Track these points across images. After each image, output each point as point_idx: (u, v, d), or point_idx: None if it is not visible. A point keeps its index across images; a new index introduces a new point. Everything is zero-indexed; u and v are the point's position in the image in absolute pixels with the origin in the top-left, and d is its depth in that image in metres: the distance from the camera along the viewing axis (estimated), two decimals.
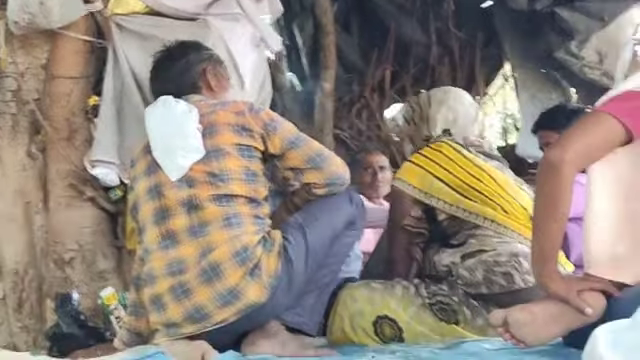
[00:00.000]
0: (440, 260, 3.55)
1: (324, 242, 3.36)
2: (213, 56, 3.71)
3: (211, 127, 3.31)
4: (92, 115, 4.18)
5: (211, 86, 3.59)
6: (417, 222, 3.68)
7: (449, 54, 7.82)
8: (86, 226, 4.23)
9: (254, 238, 3.20)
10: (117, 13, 4.14)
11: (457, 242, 3.56)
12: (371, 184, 5.57)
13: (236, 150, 3.29)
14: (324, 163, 3.40)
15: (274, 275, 3.16)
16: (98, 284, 4.16)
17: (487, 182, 3.61)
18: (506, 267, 3.40)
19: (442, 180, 3.60)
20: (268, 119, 3.39)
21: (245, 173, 3.29)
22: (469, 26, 7.63)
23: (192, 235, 3.22)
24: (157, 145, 3.36)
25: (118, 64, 4.10)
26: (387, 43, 7.70)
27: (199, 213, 3.23)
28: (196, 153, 3.27)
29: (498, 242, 3.48)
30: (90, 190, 4.18)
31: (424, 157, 3.69)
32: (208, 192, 3.24)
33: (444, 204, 3.58)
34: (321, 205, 3.46)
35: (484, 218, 3.52)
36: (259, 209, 3.32)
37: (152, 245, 3.31)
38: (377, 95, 7.91)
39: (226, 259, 3.14)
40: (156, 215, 3.31)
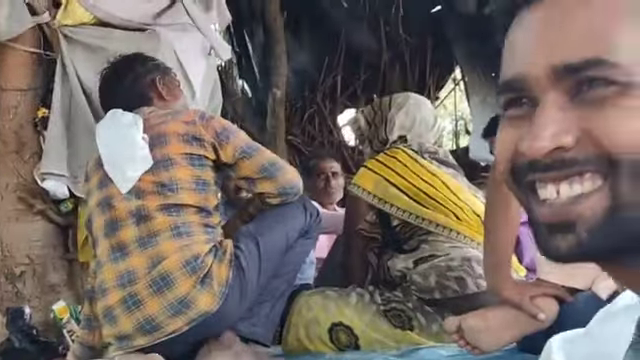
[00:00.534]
0: (394, 265, 3.56)
1: (278, 251, 3.36)
2: (160, 66, 3.68)
3: (160, 137, 3.29)
4: (41, 128, 4.15)
5: (162, 95, 3.56)
6: (371, 227, 3.69)
7: (400, 59, 7.86)
8: (37, 239, 4.19)
9: (205, 247, 3.18)
10: (65, 25, 4.11)
11: (410, 248, 3.57)
12: (324, 190, 5.56)
13: (186, 159, 3.27)
14: (277, 172, 3.39)
15: (225, 284, 3.15)
16: (50, 298, 4.12)
17: (440, 189, 3.62)
18: (458, 272, 3.41)
19: (396, 186, 3.61)
20: (220, 128, 3.37)
21: (195, 182, 3.27)
22: (419, 31, 7.67)
23: (141, 246, 3.20)
24: (107, 158, 3.34)
25: (67, 76, 4.07)
26: (338, 49, 7.72)
27: (148, 224, 3.21)
28: (144, 164, 3.25)
29: (450, 247, 3.50)
30: (40, 203, 4.14)
31: (379, 163, 3.70)
32: (157, 202, 3.22)
33: (397, 210, 3.59)
34: (275, 214, 3.45)
35: (436, 224, 3.53)
36: (209, 218, 3.31)
37: (103, 257, 3.28)
38: (329, 101, 7.93)
39: (176, 268, 3.12)
40: (107, 227, 3.28)
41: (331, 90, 7.94)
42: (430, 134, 3.86)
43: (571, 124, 0.88)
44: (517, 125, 0.94)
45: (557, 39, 0.91)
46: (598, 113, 0.87)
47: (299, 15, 7.62)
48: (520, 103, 0.94)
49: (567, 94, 0.89)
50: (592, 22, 0.89)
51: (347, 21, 7.62)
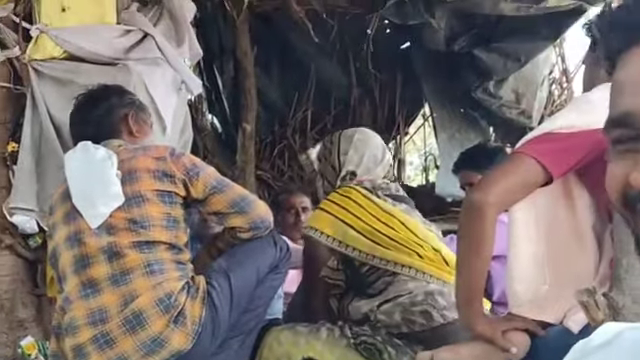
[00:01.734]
0: (356, 309, 3.54)
1: (249, 287, 3.36)
2: (136, 102, 3.68)
3: (131, 173, 3.28)
4: (10, 162, 4.13)
5: (132, 131, 3.56)
6: (334, 273, 3.66)
7: (369, 95, 7.89)
8: (5, 274, 4.15)
9: (177, 284, 3.18)
10: (35, 59, 4.10)
11: (375, 291, 3.54)
12: (294, 225, 5.55)
13: (157, 196, 3.27)
14: (248, 207, 3.40)
15: (198, 322, 3.15)
16: (18, 333, 4.09)
17: (398, 228, 3.59)
18: (423, 306, 3.41)
19: (355, 228, 3.57)
20: (190, 164, 3.38)
21: (166, 220, 3.27)
22: (389, 67, 7.71)
23: (114, 283, 3.18)
24: (77, 192, 3.32)
25: (37, 110, 4.06)
26: (308, 85, 7.74)
27: (120, 261, 3.20)
28: (116, 200, 3.24)
29: (413, 286, 3.49)
30: (9, 238, 4.11)
31: (334, 204, 3.64)
32: (128, 239, 3.21)
33: (360, 253, 3.54)
34: (245, 249, 3.45)
35: (402, 265, 3.50)
36: (180, 255, 3.31)
37: (73, 294, 3.25)
38: (299, 136, 7.94)
39: (149, 307, 3.11)
40: (76, 263, 3.26)
41: (301, 125, 7.95)
42: (379, 168, 3.84)
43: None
44: (626, 158, 0.97)
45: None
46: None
47: (269, 50, 7.65)
48: (629, 138, 0.97)
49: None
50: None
51: (317, 56, 7.65)
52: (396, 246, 3.53)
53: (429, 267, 3.51)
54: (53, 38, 4.11)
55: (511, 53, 6.69)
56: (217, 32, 7.21)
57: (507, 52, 6.70)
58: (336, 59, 7.70)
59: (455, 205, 6.84)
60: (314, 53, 7.55)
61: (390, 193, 3.76)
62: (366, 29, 7.07)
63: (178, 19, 4.54)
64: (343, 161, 3.80)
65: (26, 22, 4.17)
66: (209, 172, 3.42)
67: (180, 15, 4.55)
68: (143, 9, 4.52)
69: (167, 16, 4.54)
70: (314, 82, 7.76)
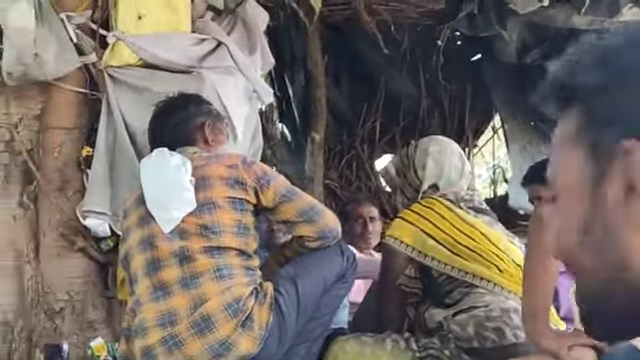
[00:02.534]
0: (432, 317, 3.54)
1: (315, 295, 3.38)
2: (213, 111, 3.76)
3: (204, 180, 3.34)
4: (85, 166, 4.19)
5: (208, 140, 3.63)
6: (411, 281, 3.66)
7: (439, 106, 7.87)
8: (77, 276, 4.22)
9: (246, 290, 3.22)
10: (111, 65, 4.16)
11: (451, 301, 3.54)
12: (361, 235, 5.57)
13: (228, 203, 3.32)
14: (317, 217, 3.42)
15: (265, 327, 3.18)
16: (88, 334, 4.15)
17: (480, 240, 3.59)
18: (497, 322, 3.38)
19: (435, 238, 3.58)
20: (261, 172, 3.43)
21: (237, 226, 3.31)
22: (459, 79, 7.68)
23: (184, 287, 3.23)
24: (151, 197, 3.38)
25: (111, 116, 4.12)
26: (377, 95, 7.74)
27: (190, 264, 3.25)
28: (189, 206, 3.29)
29: (490, 298, 3.48)
30: (81, 240, 4.18)
31: (415, 214, 3.66)
32: (200, 244, 3.26)
33: (438, 263, 3.55)
34: (313, 258, 3.48)
35: (480, 278, 3.49)
36: (250, 261, 3.35)
37: (143, 296, 3.31)
38: (367, 146, 7.94)
39: (218, 311, 3.16)
40: (148, 266, 3.32)
41: (370, 135, 7.95)
42: (461, 180, 3.83)
43: None
44: None
45: None
46: None
47: (340, 60, 7.67)
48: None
49: None
50: None
51: (387, 67, 7.65)
52: (476, 258, 3.52)
53: (508, 282, 3.49)
54: (129, 45, 4.17)
55: None
56: (289, 41, 7.24)
57: None
58: (406, 70, 7.69)
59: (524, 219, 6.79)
60: (384, 64, 7.54)
61: (473, 205, 3.75)
62: (437, 40, 7.06)
63: (251, 28, 4.59)
64: (422, 176, 3.79)
65: (103, 29, 4.23)
66: (279, 181, 3.46)
67: (253, 24, 4.60)
68: (217, 18, 4.57)
69: (241, 25, 4.59)
70: (383, 93, 7.76)
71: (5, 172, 4.23)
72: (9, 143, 4.23)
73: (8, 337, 4.19)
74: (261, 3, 4.85)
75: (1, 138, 4.22)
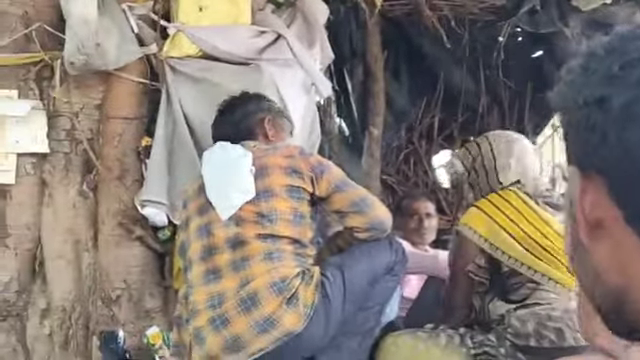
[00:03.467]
0: (495, 309, 3.52)
1: (362, 284, 3.40)
2: (274, 108, 3.82)
3: (262, 169, 3.39)
4: (144, 156, 4.23)
5: (268, 135, 3.70)
6: (480, 270, 3.64)
7: (498, 103, 7.80)
8: (134, 265, 4.27)
9: (293, 270, 3.28)
10: (171, 56, 4.20)
11: (517, 297, 3.51)
12: (417, 230, 5.55)
13: (285, 191, 3.37)
14: (367, 208, 3.46)
15: (311, 306, 3.22)
16: (144, 323, 4.19)
17: (553, 239, 3.53)
18: (558, 323, 3.35)
19: (508, 232, 3.54)
20: (317, 162, 3.49)
21: (293, 215, 3.36)
22: (519, 75, 7.61)
23: (234, 269, 3.31)
24: (211, 186, 3.46)
25: (171, 106, 4.15)
26: (436, 91, 7.71)
27: (243, 249, 3.32)
28: (247, 194, 3.34)
29: (554, 298, 3.44)
30: (139, 229, 4.22)
31: (492, 205, 3.63)
32: (254, 231, 3.33)
33: (509, 258, 3.52)
34: (362, 248, 3.52)
35: (548, 278, 3.46)
36: (303, 250, 3.39)
37: (196, 280, 3.39)
38: (425, 142, 7.90)
39: (264, 288, 3.21)
40: (203, 252, 3.40)
41: (428, 131, 7.91)
42: (542, 177, 3.79)
43: None
44: None
45: None
46: None
47: (399, 55, 7.64)
48: None
49: None
50: None
51: (447, 63, 7.61)
52: (548, 257, 3.48)
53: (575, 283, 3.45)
54: (189, 37, 4.20)
55: None
56: (349, 36, 7.22)
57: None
58: (466, 66, 7.64)
59: None
60: (444, 59, 7.50)
61: (551, 202, 3.71)
62: (497, 37, 7.01)
63: (311, 22, 4.59)
64: (504, 176, 3.74)
65: (164, 20, 4.27)
66: (334, 171, 3.52)
67: (313, 18, 4.60)
68: (277, 10, 4.59)
69: (300, 18, 4.59)
70: (442, 88, 7.71)
71: (65, 160, 4.27)
72: (70, 132, 4.27)
73: (65, 324, 4.24)
74: None
75: (62, 127, 4.27)
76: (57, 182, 4.28)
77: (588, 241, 0.95)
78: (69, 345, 4.24)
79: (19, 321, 4.27)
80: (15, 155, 4.21)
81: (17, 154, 4.22)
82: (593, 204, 0.93)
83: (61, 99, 4.21)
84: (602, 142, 0.90)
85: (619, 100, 0.89)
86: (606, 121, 0.90)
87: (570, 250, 1.01)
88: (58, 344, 4.24)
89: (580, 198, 0.94)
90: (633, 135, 0.88)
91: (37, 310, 4.27)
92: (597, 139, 0.91)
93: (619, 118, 0.89)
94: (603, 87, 0.91)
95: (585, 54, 0.97)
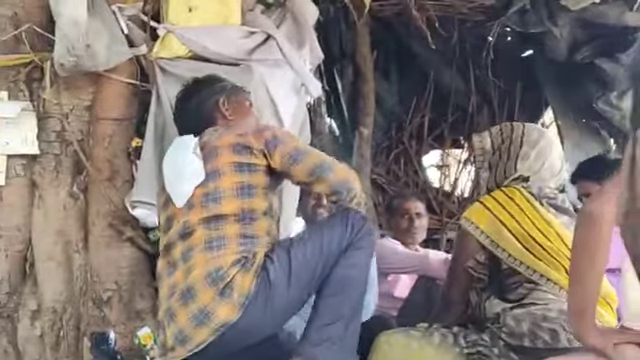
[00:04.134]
0: (491, 307, 3.51)
1: (310, 263, 3.36)
2: (227, 87, 3.81)
3: (212, 150, 3.43)
4: (134, 157, 4.23)
5: (225, 116, 3.70)
6: (479, 267, 3.63)
7: (488, 102, 7.82)
8: (125, 266, 4.26)
9: (231, 258, 3.27)
10: (161, 57, 4.20)
11: (515, 298, 3.51)
12: (407, 230, 5.57)
13: (233, 167, 3.39)
14: (326, 173, 3.45)
15: (246, 294, 3.22)
16: (135, 324, 4.18)
17: (554, 240, 3.52)
18: (553, 324, 3.34)
19: (510, 229, 3.52)
20: (271, 137, 3.46)
21: (240, 188, 3.37)
22: (508, 75, 7.63)
23: (183, 260, 3.35)
24: (168, 179, 3.53)
25: (161, 107, 4.15)
26: (426, 91, 7.72)
27: (189, 239, 3.35)
28: (196, 177, 3.38)
29: (550, 299, 3.44)
30: (130, 230, 4.22)
31: (495, 201, 3.61)
32: (198, 216, 3.35)
33: (509, 257, 3.50)
34: (314, 227, 3.59)
35: (547, 279, 3.45)
36: (251, 226, 3.38)
37: (161, 273, 3.47)
38: (415, 142, 7.92)
39: (199, 281, 3.24)
40: (166, 246, 3.46)
41: (418, 131, 7.93)
42: (553, 180, 3.76)
43: None
44: None
45: None
46: None
47: (389, 55, 7.66)
48: None
49: None
50: None
51: (436, 63, 7.63)
52: (547, 257, 3.46)
53: None
54: (179, 37, 4.20)
55: (635, 64, 6.54)
56: (338, 36, 7.24)
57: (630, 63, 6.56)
58: (456, 66, 7.66)
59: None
60: (434, 59, 7.53)
61: (555, 203, 3.70)
62: (487, 36, 7.03)
63: (301, 22, 4.59)
64: (521, 165, 3.73)
65: (154, 21, 4.27)
66: (289, 143, 3.49)
67: (303, 18, 4.60)
68: (267, 11, 4.58)
69: (290, 19, 4.59)
70: (432, 88, 7.74)
71: (56, 162, 4.27)
72: (60, 133, 4.27)
73: (56, 325, 4.24)
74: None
75: (52, 128, 4.26)
76: (47, 184, 4.27)
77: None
78: (60, 346, 4.24)
79: (10, 322, 4.27)
80: (5, 157, 4.21)
81: (7, 156, 4.22)
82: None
83: (51, 100, 4.21)
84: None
85: None
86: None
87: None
88: (49, 345, 4.24)
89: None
90: None
91: (28, 311, 4.27)
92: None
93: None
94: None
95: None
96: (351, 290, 3.43)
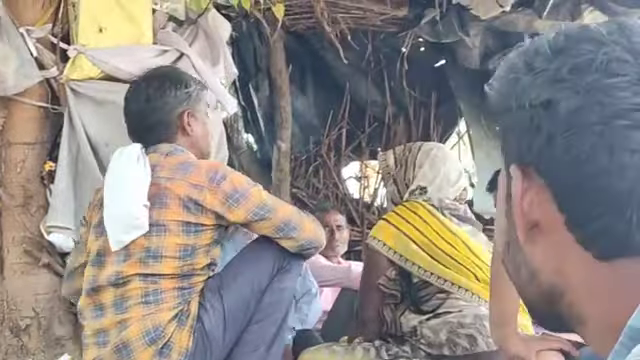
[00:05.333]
0: (407, 322, 3.54)
1: (244, 301, 3.33)
2: (192, 93, 3.66)
3: (162, 198, 3.29)
4: (48, 181, 4.16)
5: (187, 131, 3.59)
6: (390, 283, 3.66)
7: (404, 113, 7.88)
8: (42, 292, 4.18)
9: (168, 315, 3.20)
10: (73, 79, 4.13)
11: (428, 308, 3.54)
12: (329, 243, 5.55)
13: (180, 227, 3.27)
14: (293, 232, 3.37)
15: (185, 352, 3.18)
16: (55, 351, 4.12)
17: (460, 249, 3.59)
18: (470, 329, 3.39)
19: (416, 243, 3.58)
20: (231, 190, 3.33)
21: (183, 250, 3.27)
22: (423, 85, 7.70)
23: (115, 308, 3.26)
24: (107, 208, 3.37)
25: (73, 130, 4.09)
26: (342, 103, 7.75)
27: (122, 288, 3.27)
28: (139, 230, 3.26)
29: (464, 305, 3.48)
30: (46, 256, 4.14)
31: (399, 217, 3.67)
32: (137, 270, 3.25)
33: (418, 269, 3.56)
34: (240, 262, 3.45)
35: (458, 286, 3.50)
36: (190, 280, 3.31)
37: (85, 312, 3.37)
38: (333, 154, 7.94)
39: (136, 338, 3.18)
40: (91, 283, 3.36)
41: (336, 143, 7.95)
42: (451, 190, 3.83)
43: None
44: None
45: None
46: None
47: (304, 68, 7.67)
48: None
49: None
50: None
51: (352, 75, 7.66)
52: (456, 266, 3.52)
53: (484, 291, 3.50)
54: (90, 58, 4.14)
55: None
56: (253, 51, 7.24)
57: None
58: (371, 77, 7.71)
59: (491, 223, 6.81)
60: (349, 71, 7.56)
61: (457, 214, 3.76)
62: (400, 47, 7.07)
63: (214, 39, 4.57)
64: (416, 174, 3.80)
65: (64, 42, 4.20)
66: (252, 198, 3.36)
67: (216, 35, 4.57)
68: (179, 29, 4.54)
69: (203, 36, 4.56)
70: (349, 100, 7.77)
71: None
72: None
73: None
74: (223, 13, 4.83)
75: None
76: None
77: (524, 240, 0.95)
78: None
79: None
80: None
81: None
82: (533, 204, 0.93)
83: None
84: (547, 144, 0.90)
85: (568, 105, 0.89)
86: (552, 124, 0.90)
87: (503, 247, 1.02)
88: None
89: (520, 197, 0.94)
90: (582, 142, 0.88)
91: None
92: (542, 141, 0.90)
93: (567, 123, 0.89)
94: (550, 90, 0.91)
95: (529, 51, 0.97)
96: (277, 314, 3.43)
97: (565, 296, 0.93)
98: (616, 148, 0.86)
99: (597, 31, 0.93)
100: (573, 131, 0.88)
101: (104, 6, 4.18)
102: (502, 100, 0.98)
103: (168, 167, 3.38)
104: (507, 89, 0.97)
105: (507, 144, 0.99)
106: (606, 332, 0.88)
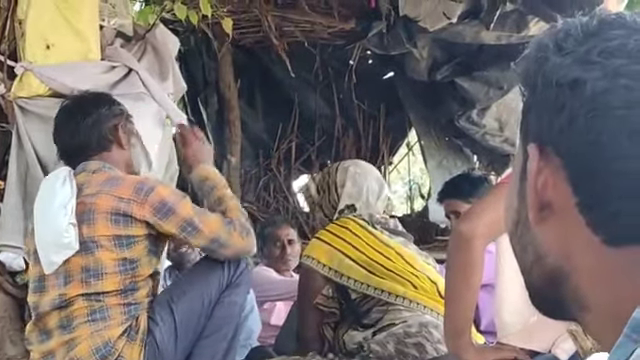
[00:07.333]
0: (351, 339, 3.55)
1: (195, 314, 3.33)
2: (124, 111, 3.66)
3: (89, 214, 3.26)
4: None
5: (122, 144, 3.56)
6: (328, 301, 3.67)
7: (353, 125, 7.92)
8: None
9: (117, 331, 3.19)
10: (20, 96, 4.09)
11: (370, 321, 3.55)
12: (280, 257, 5.57)
13: (112, 241, 3.24)
14: (223, 248, 3.35)
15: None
16: None
17: (395, 259, 3.62)
18: (417, 338, 3.41)
19: (350, 257, 3.60)
20: (159, 204, 3.29)
21: (122, 265, 3.25)
22: (372, 97, 7.75)
23: (61, 329, 3.24)
24: (36, 233, 3.35)
25: (22, 148, 4.04)
26: (292, 116, 7.76)
27: (67, 310, 3.24)
28: (68, 250, 3.22)
29: (408, 315, 3.50)
30: None
31: (331, 234, 3.68)
32: (79, 291, 3.23)
33: (355, 282, 3.57)
34: (191, 276, 3.49)
35: (395, 295, 3.52)
36: (134, 294, 3.29)
37: (32, 338, 3.35)
38: (283, 168, 7.95)
39: (87, 355, 3.16)
40: (37, 315, 3.33)
41: (285, 156, 7.97)
42: (379, 202, 3.86)
43: None
44: None
45: None
46: None
47: (253, 82, 7.68)
48: None
49: None
50: None
51: (300, 88, 7.69)
52: (391, 276, 3.55)
53: (422, 298, 3.53)
54: (38, 76, 4.10)
55: (493, 81, 6.72)
56: (201, 66, 7.24)
57: (489, 80, 6.73)
58: (319, 90, 7.74)
59: (440, 234, 6.87)
60: (297, 85, 7.58)
61: (388, 227, 3.79)
62: (349, 60, 7.11)
63: (162, 54, 4.55)
64: (341, 194, 3.81)
65: (11, 60, 4.16)
66: (180, 212, 3.32)
67: (164, 50, 4.56)
68: (127, 44, 4.52)
69: (151, 51, 4.55)
70: (298, 114, 7.79)
71: None
72: None
73: None
74: (171, 28, 4.83)
75: None
76: None
77: (535, 220, 0.95)
78: None
79: None
80: None
81: None
82: (547, 185, 0.93)
83: None
84: (569, 125, 0.90)
85: (594, 86, 0.89)
86: (577, 105, 0.89)
87: (511, 226, 1.01)
88: None
89: (535, 176, 0.93)
90: (604, 125, 0.88)
91: None
92: (564, 121, 0.90)
93: (591, 104, 0.89)
94: (579, 70, 0.91)
95: (560, 33, 0.96)
96: (227, 327, 3.42)
97: (571, 279, 0.92)
98: (636, 134, 0.86)
99: (631, 19, 0.94)
100: (596, 113, 0.88)
101: (51, 23, 4.14)
102: (529, 78, 0.98)
103: (95, 183, 3.35)
104: (535, 67, 0.96)
105: (527, 123, 0.99)
106: (609, 321, 0.88)
